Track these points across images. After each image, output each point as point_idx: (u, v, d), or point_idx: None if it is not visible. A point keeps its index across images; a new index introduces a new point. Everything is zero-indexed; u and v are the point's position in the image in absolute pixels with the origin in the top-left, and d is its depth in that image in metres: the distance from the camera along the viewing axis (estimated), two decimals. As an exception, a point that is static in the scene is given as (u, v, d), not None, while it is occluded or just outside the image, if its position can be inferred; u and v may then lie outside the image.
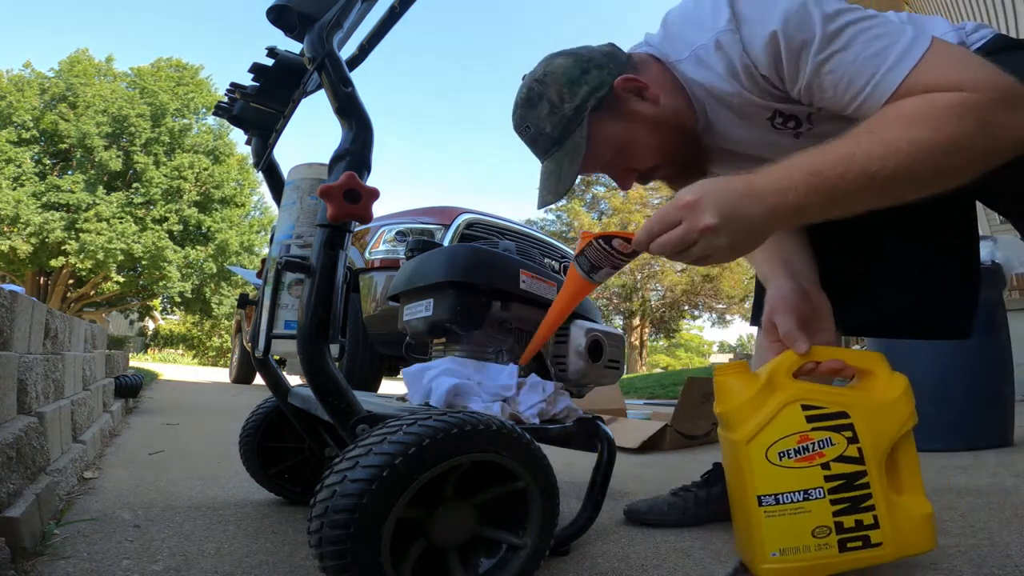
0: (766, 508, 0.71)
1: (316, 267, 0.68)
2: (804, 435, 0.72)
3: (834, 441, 0.72)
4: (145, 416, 2.54)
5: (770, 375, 0.75)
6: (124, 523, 0.96)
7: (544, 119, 0.86)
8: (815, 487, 0.71)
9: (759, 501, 0.71)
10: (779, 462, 0.72)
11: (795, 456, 0.72)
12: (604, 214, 22.17)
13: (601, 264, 0.78)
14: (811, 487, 0.71)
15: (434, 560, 0.65)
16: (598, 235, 0.77)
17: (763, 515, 0.71)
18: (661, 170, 0.91)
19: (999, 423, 1.93)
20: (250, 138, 1.04)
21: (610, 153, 0.87)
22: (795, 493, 0.71)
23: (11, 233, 14.49)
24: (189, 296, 17.25)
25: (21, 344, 1.03)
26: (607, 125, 0.85)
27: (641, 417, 2.50)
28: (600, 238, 0.76)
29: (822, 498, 0.71)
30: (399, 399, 1.00)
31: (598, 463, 0.93)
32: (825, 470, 0.71)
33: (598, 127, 0.84)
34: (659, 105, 0.84)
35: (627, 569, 0.84)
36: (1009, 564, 0.83)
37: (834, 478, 0.71)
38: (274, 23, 0.77)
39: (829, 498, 0.71)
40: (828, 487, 0.71)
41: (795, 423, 0.72)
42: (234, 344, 5.98)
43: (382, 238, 3.06)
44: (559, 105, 0.84)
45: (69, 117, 15.59)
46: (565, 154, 0.85)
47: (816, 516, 0.70)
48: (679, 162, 0.90)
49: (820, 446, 0.72)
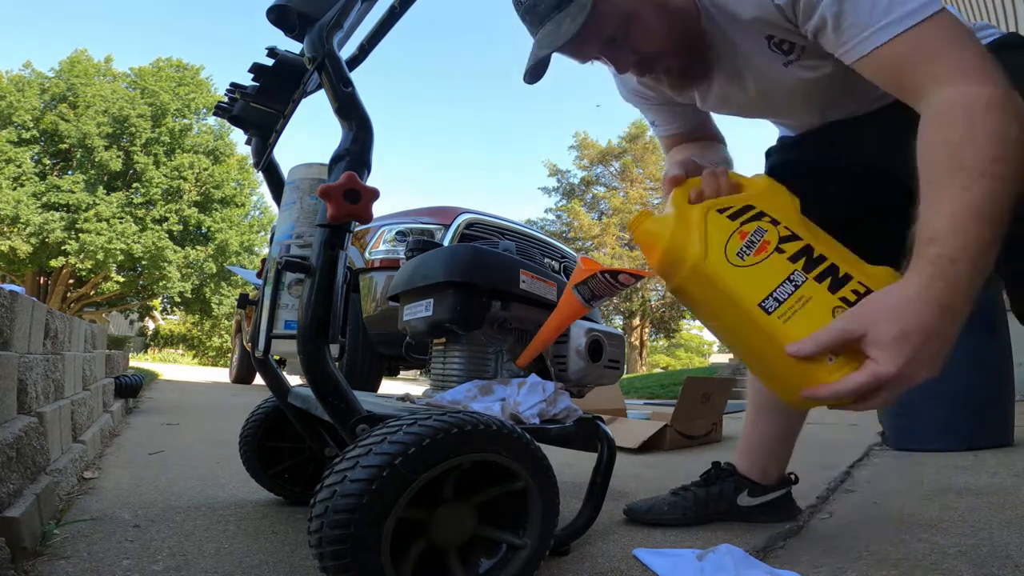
0: (776, 313, 0.66)
1: (316, 267, 0.68)
2: (739, 231, 0.71)
3: (764, 228, 0.72)
4: (145, 416, 2.54)
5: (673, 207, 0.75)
6: (124, 523, 0.96)
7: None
8: (791, 271, 0.68)
9: (764, 310, 0.66)
10: (742, 262, 0.69)
11: (750, 251, 0.70)
12: (604, 214, 22.18)
13: (602, 294, 0.81)
14: (788, 274, 0.68)
15: (434, 560, 0.65)
16: (605, 269, 0.79)
17: (779, 321, 0.65)
18: (666, 59, 0.88)
19: (999, 423, 1.93)
20: (250, 138, 1.04)
21: (614, 25, 0.84)
22: (783, 285, 0.67)
23: (11, 233, 14.49)
24: (189, 296, 17.25)
25: (21, 344, 1.03)
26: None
27: (641, 417, 2.50)
28: (606, 272, 0.78)
29: (807, 280, 0.67)
30: (399, 399, 1.00)
31: (598, 463, 0.93)
32: (782, 253, 0.69)
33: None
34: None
35: (627, 569, 0.83)
36: (1009, 564, 0.83)
37: (796, 257, 0.69)
38: (274, 23, 0.77)
39: (811, 277, 0.68)
40: (800, 266, 0.68)
41: (724, 225, 0.72)
42: (234, 344, 5.98)
43: (382, 238, 3.06)
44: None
45: (69, 117, 15.59)
46: (567, 15, 0.81)
47: (821, 298, 0.66)
48: (683, 55, 0.88)
49: (758, 235, 0.71)
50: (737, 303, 0.69)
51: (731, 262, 0.69)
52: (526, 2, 0.85)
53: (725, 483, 1.11)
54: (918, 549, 0.90)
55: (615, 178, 22.94)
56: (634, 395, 6.70)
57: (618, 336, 1.09)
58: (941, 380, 0.60)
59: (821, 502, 1.28)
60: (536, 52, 0.84)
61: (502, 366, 1.02)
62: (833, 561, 0.86)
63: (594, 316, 1.11)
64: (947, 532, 0.98)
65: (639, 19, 0.84)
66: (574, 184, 23.38)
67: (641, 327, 21.80)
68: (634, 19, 0.83)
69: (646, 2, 0.83)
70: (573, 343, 1.00)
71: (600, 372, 1.03)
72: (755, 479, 1.11)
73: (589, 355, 1.00)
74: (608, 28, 0.84)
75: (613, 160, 22.83)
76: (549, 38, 0.83)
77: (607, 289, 0.80)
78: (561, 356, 1.02)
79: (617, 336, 1.08)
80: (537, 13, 0.85)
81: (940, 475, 1.50)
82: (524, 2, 0.86)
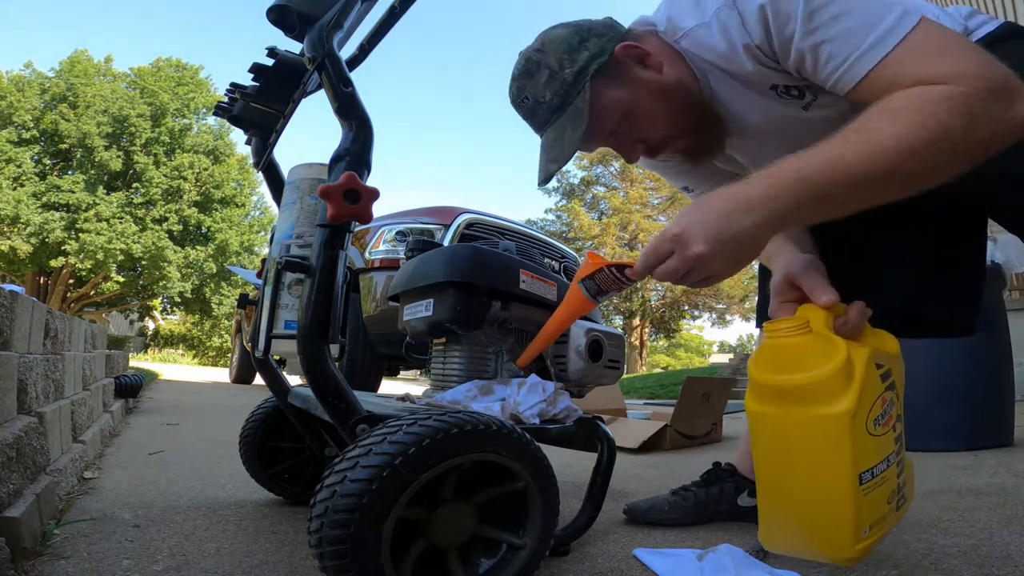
0: (865, 485, 0.62)
1: (316, 267, 0.68)
2: (882, 397, 0.65)
3: (893, 400, 0.66)
4: (145, 416, 2.54)
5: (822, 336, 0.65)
6: (124, 523, 0.96)
7: (543, 87, 0.83)
8: (891, 452, 0.65)
9: (860, 479, 0.62)
10: (874, 431, 0.63)
11: (881, 422, 0.64)
12: (604, 214, 22.18)
13: (609, 289, 0.81)
14: (889, 453, 0.65)
15: (434, 560, 0.65)
16: (611, 264, 0.78)
17: (863, 494, 0.62)
18: (674, 142, 0.88)
19: (999, 423, 1.93)
20: (250, 138, 1.04)
21: (615, 120, 0.84)
22: (882, 463, 0.64)
23: (11, 233, 14.49)
24: (189, 296, 17.24)
25: (21, 344, 1.03)
26: (610, 91, 0.82)
27: (641, 417, 2.50)
28: (612, 267, 0.78)
29: (895, 463, 0.65)
30: (399, 399, 1.00)
31: (598, 463, 0.93)
32: (893, 432, 0.66)
33: (601, 93, 0.82)
34: (662, 73, 0.82)
35: (627, 569, 0.83)
36: (1009, 564, 0.83)
37: (898, 439, 0.67)
38: (274, 23, 0.77)
39: (895, 462, 0.65)
40: (896, 449, 0.66)
41: (876, 386, 0.64)
42: (234, 344, 5.98)
43: (382, 238, 3.06)
44: (559, 71, 0.82)
45: (69, 117, 15.59)
46: (567, 120, 0.82)
47: (891, 482, 0.65)
48: (691, 133, 0.87)
49: (890, 407, 0.66)
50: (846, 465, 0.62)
51: (868, 430, 0.63)
52: (526, 107, 0.87)
53: (725, 483, 1.11)
54: (918, 549, 0.90)
55: (615, 178, 22.94)
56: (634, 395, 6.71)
57: (618, 336, 1.09)
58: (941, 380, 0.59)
59: (821, 502, 1.28)
60: (545, 165, 0.85)
61: (502, 366, 1.02)
62: (833, 561, 0.86)
63: (594, 316, 1.11)
64: (947, 532, 0.98)
65: (638, 109, 0.83)
66: (574, 184, 23.38)
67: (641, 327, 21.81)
68: (633, 111, 0.83)
69: (643, 91, 0.82)
70: (573, 343, 1.00)
71: (600, 372, 1.03)
72: None
73: (589, 355, 1.00)
74: (609, 124, 0.84)
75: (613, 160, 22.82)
76: (555, 150, 0.84)
77: (614, 284, 0.79)
78: (561, 356, 1.02)
79: (617, 336, 1.08)
80: (538, 118, 0.86)
81: (940, 475, 1.50)
82: (524, 108, 0.87)
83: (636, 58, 0.82)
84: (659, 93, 0.82)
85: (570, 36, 0.83)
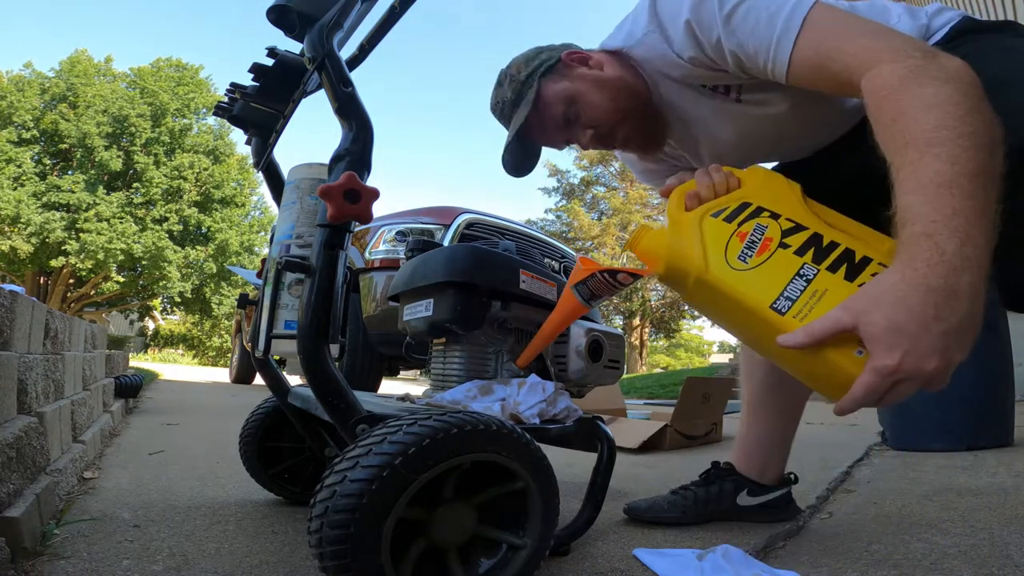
0: (790, 313, 0.62)
1: (316, 267, 0.68)
2: (738, 233, 0.69)
3: (764, 224, 0.70)
4: (145, 416, 2.54)
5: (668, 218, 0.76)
6: (124, 523, 0.96)
7: (506, 90, 1.01)
8: (800, 265, 0.65)
9: (777, 311, 0.63)
10: (745, 265, 0.67)
11: (751, 252, 0.67)
12: (604, 214, 22.17)
13: (601, 294, 0.81)
14: (797, 269, 0.65)
15: (434, 560, 0.65)
16: (603, 269, 0.79)
17: (796, 322, 0.62)
18: (619, 130, 0.98)
19: (999, 423, 1.93)
20: (250, 138, 1.04)
21: (562, 106, 0.97)
22: (793, 281, 0.64)
23: (11, 233, 14.49)
24: (189, 296, 17.24)
25: (21, 344, 1.03)
26: (556, 84, 0.98)
27: (641, 417, 2.50)
28: (605, 272, 0.78)
29: (819, 273, 0.64)
30: (399, 399, 1.00)
31: (598, 463, 0.93)
32: (787, 248, 0.67)
33: (548, 86, 0.98)
34: (603, 71, 0.96)
35: (627, 569, 0.83)
36: (1009, 564, 0.83)
37: (803, 249, 0.66)
38: (274, 23, 0.77)
39: (824, 268, 0.64)
40: (809, 259, 0.65)
41: (721, 229, 0.71)
42: (234, 344, 5.98)
43: (382, 238, 3.06)
44: (516, 76, 1.00)
45: (69, 117, 15.60)
46: (521, 110, 0.98)
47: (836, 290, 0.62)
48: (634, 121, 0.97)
49: (758, 233, 0.69)
50: (749, 308, 0.65)
51: (733, 267, 0.67)
52: (497, 111, 1.05)
53: (725, 482, 1.11)
54: (918, 549, 0.90)
55: (615, 178, 22.93)
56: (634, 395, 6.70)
57: (618, 336, 1.09)
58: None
59: (821, 502, 1.28)
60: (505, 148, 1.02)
61: (502, 366, 1.02)
62: (833, 561, 0.86)
63: (594, 316, 1.11)
64: (947, 532, 0.98)
65: (580, 96, 0.96)
66: (574, 184, 23.38)
67: (641, 327, 21.80)
68: (576, 97, 0.96)
69: (585, 83, 0.96)
70: (573, 343, 1.00)
71: (600, 372, 1.03)
72: (754, 478, 1.11)
73: (589, 355, 1.00)
74: (557, 110, 0.98)
75: (613, 160, 22.82)
76: (509, 133, 1.00)
77: (606, 288, 0.80)
78: (561, 356, 1.02)
79: (617, 336, 1.08)
80: (504, 116, 1.03)
81: (940, 475, 1.50)
82: (496, 112, 1.05)
83: (579, 60, 0.98)
84: (600, 85, 0.95)
85: (529, 52, 1.02)
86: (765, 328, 0.64)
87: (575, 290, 0.82)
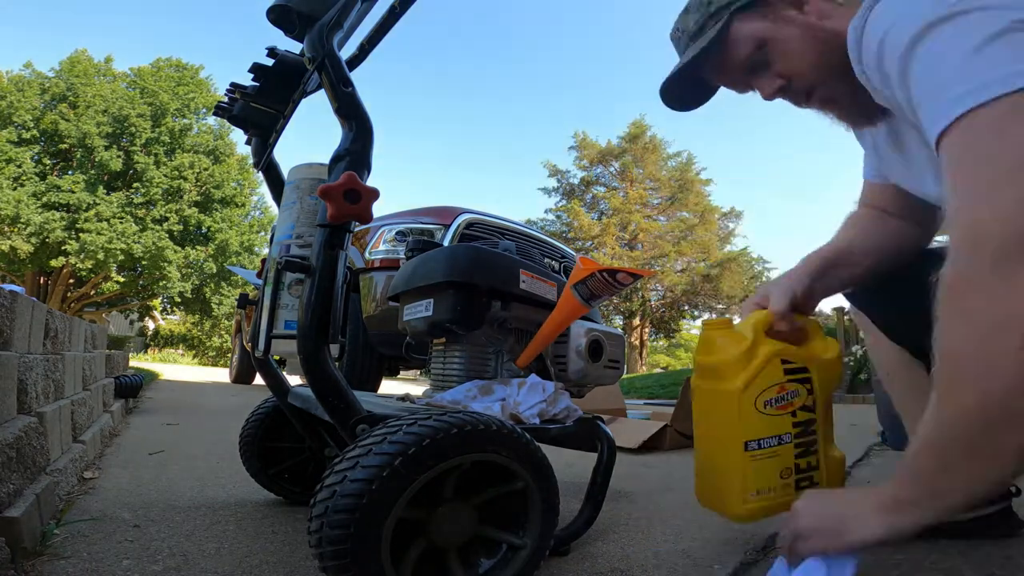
0: (752, 452, 0.78)
1: (316, 267, 0.68)
2: (782, 386, 0.81)
3: (799, 392, 0.82)
4: (145, 416, 2.54)
5: (753, 332, 0.81)
6: (124, 523, 0.96)
7: (690, 18, 0.87)
8: (786, 432, 0.81)
9: (746, 446, 0.78)
10: (764, 410, 0.79)
11: (775, 405, 0.80)
12: (604, 214, 22.17)
13: (601, 293, 0.81)
14: (783, 432, 0.80)
15: (434, 560, 0.65)
16: (603, 269, 0.80)
17: (749, 459, 0.79)
18: (823, 91, 0.82)
19: (999, 423, 1.93)
20: (250, 138, 1.04)
21: (751, 48, 0.83)
22: (772, 438, 0.80)
23: (11, 233, 14.48)
24: (189, 296, 17.23)
25: (21, 344, 1.03)
26: (750, 22, 0.82)
27: (641, 417, 2.50)
28: (605, 272, 0.79)
29: (789, 443, 0.81)
30: (399, 399, 1.00)
31: (598, 463, 0.93)
32: (792, 417, 0.81)
33: (740, 24, 0.82)
34: (819, 20, 0.79)
35: (627, 569, 0.83)
36: (1009, 564, 0.83)
37: (798, 424, 0.81)
38: (274, 23, 0.77)
39: (794, 443, 0.81)
40: (795, 432, 0.81)
41: (776, 375, 0.81)
42: (234, 344, 5.98)
43: (382, 238, 3.06)
44: (707, 5, 0.85)
45: (69, 117, 15.58)
46: (696, 43, 0.85)
47: (784, 459, 0.80)
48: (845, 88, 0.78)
49: (791, 396, 0.81)
50: (732, 428, 0.80)
51: (756, 408, 0.79)
52: (675, 38, 0.92)
53: None
54: (918, 549, 0.90)
55: (615, 178, 22.92)
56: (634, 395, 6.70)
57: (618, 336, 1.09)
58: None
59: (821, 502, 1.27)
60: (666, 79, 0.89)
61: (502, 366, 1.02)
62: (833, 561, 0.86)
63: (594, 316, 1.11)
64: (947, 532, 0.98)
65: (778, 42, 0.81)
66: (574, 184, 23.37)
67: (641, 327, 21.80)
68: (771, 41, 0.82)
69: (789, 26, 0.80)
70: (573, 343, 1.01)
71: (600, 372, 1.03)
72: None
73: (589, 355, 1.00)
74: (743, 52, 0.83)
75: (613, 160, 22.81)
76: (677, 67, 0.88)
77: (606, 288, 0.81)
78: (561, 356, 1.02)
79: (617, 336, 1.08)
80: (680, 47, 0.91)
81: (940, 475, 1.50)
82: (674, 41, 0.92)
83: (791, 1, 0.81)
84: (810, 34, 0.80)
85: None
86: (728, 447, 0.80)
87: (575, 290, 0.83)
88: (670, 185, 21.87)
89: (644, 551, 0.92)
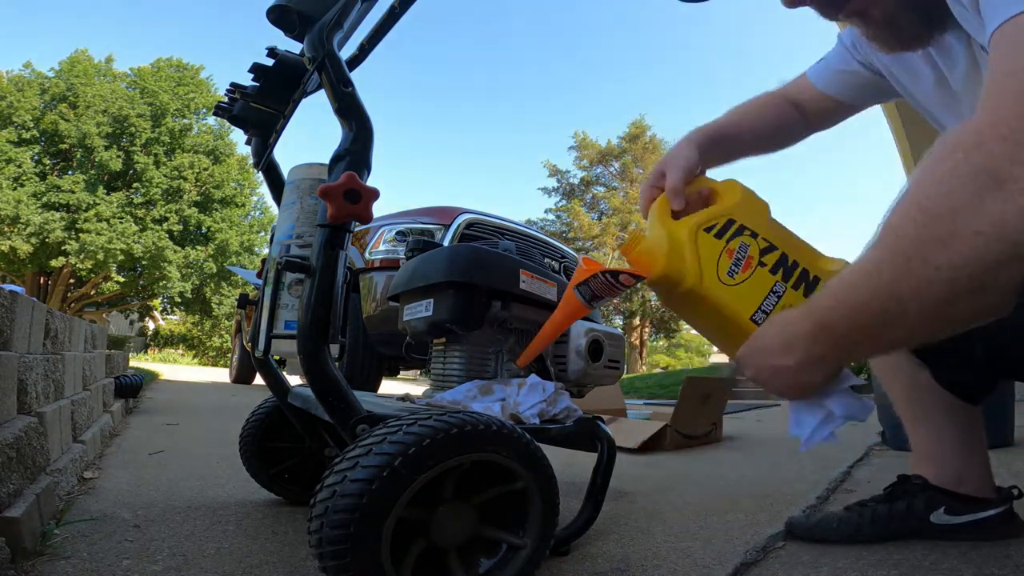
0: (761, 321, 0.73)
1: (316, 267, 0.68)
2: (726, 249, 0.76)
3: (747, 243, 0.76)
4: (145, 416, 2.54)
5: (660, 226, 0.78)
6: (124, 523, 0.96)
7: None
8: (774, 283, 0.75)
9: (756, 323, 0.73)
10: (733, 281, 0.74)
11: (738, 269, 0.75)
12: (604, 214, 22.18)
13: (603, 294, 0.81)
14: (771, 286, 0.75)
15: (434, 560, 0.65)
16: (605, 270, 0.80)
17: None
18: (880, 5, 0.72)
19: (999, 423, 1.93)
20: (250, 138, 1.04)
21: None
22: (768, 298, 0.74)
23: (11, 233, 14.49)
24: (189, 296, 17.24)
25: (21, 344, 1.03)
26: None
27: (641, 417, 2.50)
28: (607, 273, 0.79)
29: (786, 290, 0.75)
30: (399, 399, 1.00)
31: (598, 463, 0.93)
32: (764, 267, 0.75)
33: None
34: None
35: (627, 569, 0.84)
36: (1009, 564, 0.83)
37: (776, 269, 0.75)
38: (274, 23, 0.77)
39: (789, 286, 0.75)
40: (780, 278, 0.75)
41: (712, 245, 0.76)
42: (234, 344, 5.98)
43: (382, 238, 3.06)
44: None
45: (69, 117, 15.59)
46: None
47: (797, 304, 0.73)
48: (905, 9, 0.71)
49: (743, 251, 0.76)
50: (732, 319, 0.74)
51: (723, 282, 0.74)
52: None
53: (915, 499, 0.97)
54: (918, 549, 0.90)
55: (615, 178, 22.94)
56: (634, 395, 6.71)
57: (618, 336, 1.09)
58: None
59: (821, 502, 1.28)
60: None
61: (502, 366, 1.02)
62: (833, 561, 0.86)
63: (594, 316, 1.11)
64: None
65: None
66: (574, 184, 23.39)
67: (641, 327, 21.80)
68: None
69: None
70: (573, 343, 1.01)
71: (600, 372, 1.03)
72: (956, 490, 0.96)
73: (589, 355, 1.00)
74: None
75: (613, 160, 22.84)
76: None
77: (608, 290, 0.80)
78: (561, 356, 1.02)
79: (617, 336, 1.08)
80: None
81: (940, 475, 1.50)
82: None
83: None
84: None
85: None
86: (741, 336, 0.73)
87: (577, 291, 0.83)
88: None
89: (644, 551, 0.92)
